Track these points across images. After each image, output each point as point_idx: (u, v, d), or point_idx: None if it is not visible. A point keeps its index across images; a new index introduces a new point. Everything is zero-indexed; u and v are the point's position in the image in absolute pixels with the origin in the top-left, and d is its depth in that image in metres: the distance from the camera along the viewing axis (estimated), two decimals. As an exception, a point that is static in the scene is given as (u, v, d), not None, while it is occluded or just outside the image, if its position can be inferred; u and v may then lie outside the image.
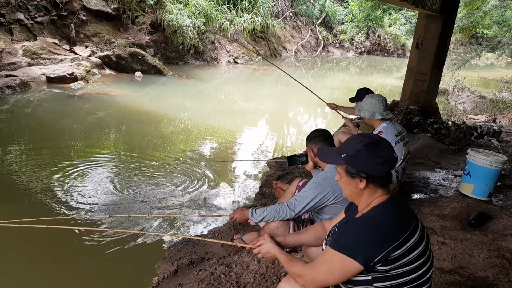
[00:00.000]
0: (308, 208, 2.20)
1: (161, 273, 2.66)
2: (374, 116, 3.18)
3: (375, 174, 1.35)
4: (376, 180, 1.36)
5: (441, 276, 2.36)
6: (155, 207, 3.80)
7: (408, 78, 7.14)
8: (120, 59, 10.64)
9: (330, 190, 2.13)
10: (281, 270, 2.40)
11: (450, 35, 7.05)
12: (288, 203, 2.24)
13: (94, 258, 3.01)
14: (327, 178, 2.18)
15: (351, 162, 1.38)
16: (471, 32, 16.59)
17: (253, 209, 2.38)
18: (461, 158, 4.89)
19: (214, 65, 13.95)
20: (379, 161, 1.34)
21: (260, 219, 2.33)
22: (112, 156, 5.15)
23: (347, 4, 22.29)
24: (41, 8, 10.74)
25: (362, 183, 1.37)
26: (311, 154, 2.44)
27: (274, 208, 2.28)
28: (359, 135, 1.43)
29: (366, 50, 21.60)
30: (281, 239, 1.76)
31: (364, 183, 1.36)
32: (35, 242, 3.13)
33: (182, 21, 12.20)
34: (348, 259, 1.28)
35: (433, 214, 3.28)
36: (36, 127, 6.23)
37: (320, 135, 2.44)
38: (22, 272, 2.81)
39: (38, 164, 4.61)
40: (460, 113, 9.28)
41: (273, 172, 4.59)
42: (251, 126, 7.48)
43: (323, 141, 2.40)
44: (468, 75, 14.46)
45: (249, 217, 2.38)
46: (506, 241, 2.77)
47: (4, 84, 7.68)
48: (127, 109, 7.61)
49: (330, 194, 2.14)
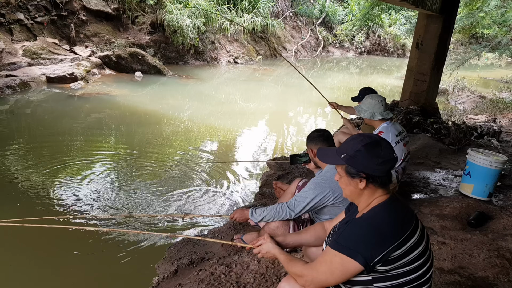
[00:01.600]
0: (308, 209, 2.20)
1: (161, 273, 2.66)
2: (374, 117, 3.18)
3: (374, 174, 1.35)
4: (375, 180, 1.36)
5: (441, 276, 2.36)
6: (155, 206, 3.80)
7: (408, 78, 7.14)
8: (120, 59, 10.64)
9: (330, 191, 2.14)
10: (281, 270, 2.40)
11: (450, 35, 7.05)
12: (288, 203, 2.24)
13: (94, 258, 3.01)
14: (327, 178, 2.18)
15: (351, 162, 1.38)
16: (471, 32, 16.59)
17: (253, 209, 2.38)
18: (461, 158, 4.89)
19: (214, 65, 13.95)
20: (379, 161, 1.34)
21: (260, 219, 2.33)
22: (112, 156, 5.15)
23: (347, 4, 22.29)
24: (41, 8, 10.74)
25: (362, 183, 1.37)
26: (311, 154, 2.45)
27: (274, 208, 2.28)
28: (359, 135, 1.43)
29: (366, 50, 21.60)
30: (281, 239, 1.76)
31: (364, 183, 1.36)
32: (35, 242, 3.13)
33: (182, 21, 12.20)
34: (348, 259, 1.28)
35: (433, 214, 3.28)
36: (36, 127, 6.23)
37: (320, 135, 2.44)
38: (22, 272, 2.81)
39: (38, 164, 4.61)
40: (460, 113, 9.28)
41: (273, 172, 4.59)
42: (251, 126, 7.48)
43: (322, 141, 2.40)
44: (468, 75, 14.47)
45: (249, 217, 2.38)
46: (506, 241, 2.76)
47: (4, 84, 7.68)
48: (127, 109, 7.61)
49: (330, 194, 2.14)
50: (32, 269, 2.85)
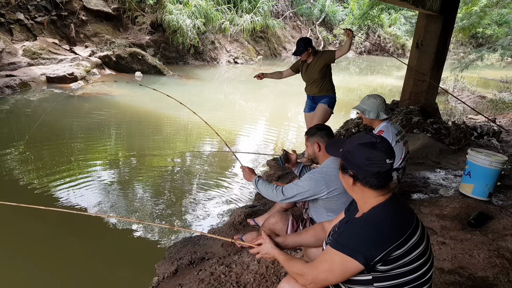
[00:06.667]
0: (299, 199, 2.26)
1: (161, 273, 2.66)
2: (379, 116, 3.14)
3: (359, 173, 1.35)
4: (361, 180, 1.36)
5: (441, 276, 2.36)
6: (152, 206, 3.80)
7: (408, 78, 7.14)
8: (120, 59, 10.64)
9: (324, 186, 2.16)
10: (281, 270, 2.40)
11: (450, 35, 7.05)
12: (284, 188, 2.30)
13: (94, 258, 3.01)
14: (323, 172, 2.21)
15: (344, 158, 1.40)
16: (471, 32, 16.60)
17: (259, 178, 2.47)
18: (461, 158, 4.89)
19: (214, 65, 13.95)
20: (366, 163, 1.33)
21: (257, 188, 2.45)
22: (111, 156, 5.15)
23: (347, 4, 22.29)
24: (41, 8, 10.74)
25: (350, 180, 1.39)
26: (313, 148, 2.44)
27: (271, 188, 2.35)
28: (363, 133, 1.42)
29: (366, 50, 21.60)
30: (281, 240, 1.75)
31: (351, 180, 1.37)
32: (36, 242, 3.13)
33: (182, 21, 12.20)
34: (349, 259, 1.28)
35: (433, 214, 3.27)
36: (36, 127, 6.22)
37: (324, 128, 2.46)
38: (23, 272, 2.81)
39: (38, 164, 4.61)
40: (460, 113, 9.28)
41: (273, 172, 4.59)
42: (251, 126, 7.48)
43: (327, 135, 2.41)
44: (468, 75, 14.47)
45: (252, 183, 2.49)
46: (506, 241, 2.76)
47: (4, 84, 7.68)
48: (127, 109, 7.61)
49: (324, 189, 2.17)
50: (32, 269, 2.85)
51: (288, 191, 2.25)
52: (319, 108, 4.41)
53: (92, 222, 3.47)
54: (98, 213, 3.59)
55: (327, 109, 4.41)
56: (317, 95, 4.43)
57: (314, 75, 4.30)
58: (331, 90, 4.42)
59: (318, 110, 4.41)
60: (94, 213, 3.56)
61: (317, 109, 4.43)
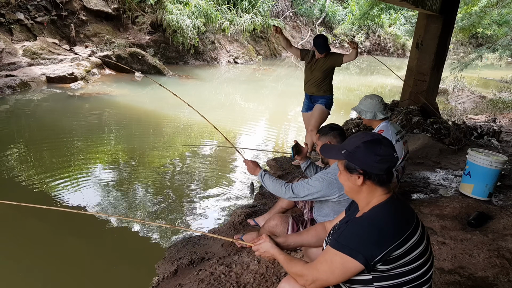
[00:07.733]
0: (310, 198, 2.19)
1: (161, 273, 2.66)
2: (377, 116, 3.16)
3: (371, 171, 1.35)
4: (373, 177, 1.36)
5: (441, 276, 2.36)
6: (151, 206, 3.80)
7: (408, 78, 7.14)
8: (120, 59, 10.64)
9: (337, 188, 2.12)
10: (281, 270, 2.40)
11: (450, 35, 7.05)
12: (294, 185, 2.22)
13: (94, 258, 3.01)
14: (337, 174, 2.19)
15: (350, 158, 1.39)
16: (471, 32, 16.60)
17: (265, 173, 2.38)
18: (461, 158, 4.89)
19: (214, 65, 13.95)
20: (377, 159, 1.34)
21: (263, 182, 2.35)
22: (111, 156, 5.15)
23: (347, 4, 22.30)
24: (41, 8, 10.74)
25: (359, 180, 1.37)
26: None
27: (280, 184, 2.26)
28: (362, 133, 1.44)
29: (366, 50, 21.61)
30: (282, 240, 1.75)
31: (361, 179, 1.37)
32: (36, 242, 3.13)
33: (182, 21, 12.20)
34: (349, 259, 1.28)
35: (433, 214, 3.27)
36: (36, 127, 6.23)
37: (337, 128, 2.44)
38: (21, 272, 2.81)
39: (38, 164, 4.61)
40: (460, 113, 9.28)
41: (273, 172, 4.59)
42: (251, 126, 7.48)
43: (340, 135, 2.39)
44: (468, 75, 14.47)
45: (258, 177, 2.39)
46: (506, 241, 2.76)
47: (4, 84, 7.68)
48: (127, 109, 7.61)
49: (336, 191, 2.12)
50: (32, 268, 2.85)
51: (299, 190, 2.19)
52: (316, 109, 4.44)
53: (92, 222, 3.47)
54: (99, 213, 3.59)
55: (324, 110, 4.44)
56: (315, 94, 4.46)
57: (317, 73, 4.33)
58: (329, 91, 4.45)
59: (316, 111, 4.43)
60: (94, 213, 3.56)
61: (315, 109, 4.45)
